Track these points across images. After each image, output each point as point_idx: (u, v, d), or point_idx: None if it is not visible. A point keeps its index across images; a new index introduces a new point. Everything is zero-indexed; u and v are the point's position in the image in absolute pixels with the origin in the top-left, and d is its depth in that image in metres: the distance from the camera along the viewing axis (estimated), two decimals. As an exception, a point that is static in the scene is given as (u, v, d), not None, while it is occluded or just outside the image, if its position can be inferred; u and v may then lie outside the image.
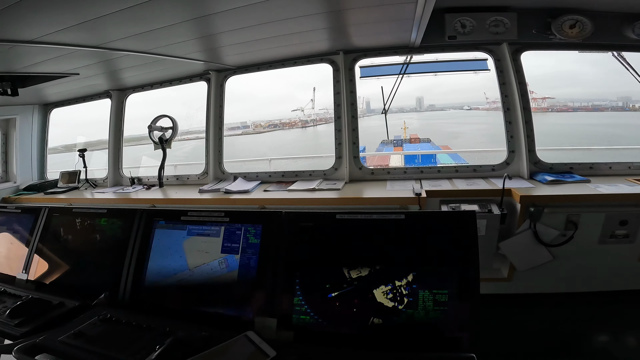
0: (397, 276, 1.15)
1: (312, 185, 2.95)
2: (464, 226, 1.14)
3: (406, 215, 1.18)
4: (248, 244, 1.31)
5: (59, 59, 2.51)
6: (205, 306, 1.30)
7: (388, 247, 1.18)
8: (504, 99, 2.89)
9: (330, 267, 1.21)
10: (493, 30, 2.60)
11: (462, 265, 1.12)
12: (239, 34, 2.52)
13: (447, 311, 1.10)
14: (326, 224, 1.25)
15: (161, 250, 1.43)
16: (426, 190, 2.54)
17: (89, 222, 1.61)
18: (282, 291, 1.23)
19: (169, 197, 3.22)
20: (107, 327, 1.19)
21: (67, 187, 3.87)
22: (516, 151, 2.86)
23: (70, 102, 4.23)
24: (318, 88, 65.93)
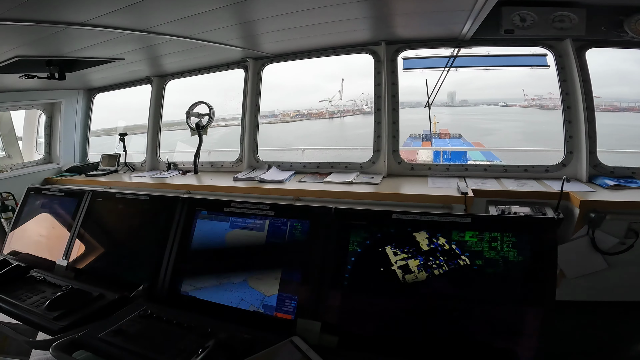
0: (458, 283, 1.05)
1: (349, 178, 2.86)
2: (541, 234, 1.01)
3: (473, 219, 1.06)
4: (294, 241, 1.24)
5: (106, 43, 2.54)
6: (245, 305, 1.25)
7: (448, 251, 1.07)
8: (565, 96, 2.69)
9: (382, 270, 1.12)
10: (558, 25, 2.41)
11: (533, 280, 1.00)
12: (279, 21, 2.46)
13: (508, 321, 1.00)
14: (380, 223, 1.15)
15: (202, 242, 1.39)
16: (472, 189, 2.39)
17: (131, 208, 1.60)
18: (327, 293, 1.15)
19: (204, 184, 3.22)
20: (147, 324, 1.15)
21: (107, 170, 3.98)
22: (575, 152, 2.65)
23: (113, 87, 4.33)
24: (346, 80, 65.32)
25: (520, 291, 1.01)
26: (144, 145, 4.03)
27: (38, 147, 4.51)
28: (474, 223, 1.06)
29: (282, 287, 1.21)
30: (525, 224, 1.04)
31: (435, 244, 1.08)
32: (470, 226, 1.06)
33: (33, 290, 1.39)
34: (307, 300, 1.17)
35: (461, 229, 1.06)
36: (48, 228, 1.77)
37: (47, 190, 1.86)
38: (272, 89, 8.01)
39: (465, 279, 1.05)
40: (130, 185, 3.51)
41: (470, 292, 1.04)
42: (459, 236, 1.06)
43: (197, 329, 1.12)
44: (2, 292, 1.34)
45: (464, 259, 1.06)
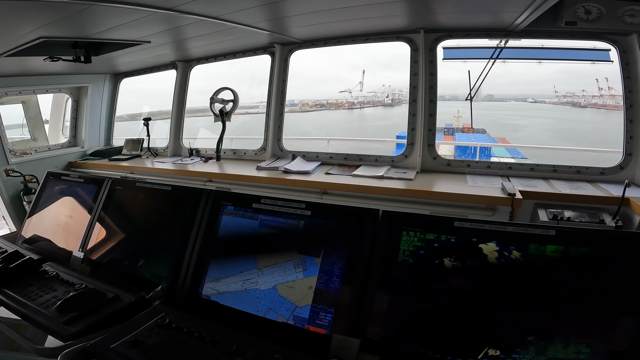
0: (530, 300, 0.87)
1: (380, 173, 2.69)
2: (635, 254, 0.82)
3: (557, 232, 0.87)
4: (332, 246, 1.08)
5: (132, 24, 2.44)
6: (273, 315, 1.10)
7: (522, 267, 0.89)
8: (628, 94, 2.44)
9: (440, 285, 0.95)
10: (628, 20, 2.17)
11: (628, 295, 0.82)
12: (310, 2, 2.30)
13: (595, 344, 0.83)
14: (439, 232, 0.97)
15: (227, 241, 1.25)
16: (520, 190, 2.17)
17: (152, 199, 1.48)
18: (370, 307, 1.00)
19: (226, 172, 3.12)
20: (165, 335, 1.03)
21: (130, 155, 3.96)
22: (634, 154, 2.39)
23: (140, 72, 4.28)
24: (368, 71, 64.33)
25: (608, 314, 0.83)
26: (167, 130, 3.97)
27: (64, 131, 4.52)
28: (559, 237, 0.87)
29: (317, 297, 1.06)
30: (621, 240, 0.84)
31: (507, 258, 0.90)
32: (554, 240, 0.87)
33: (45, 287, 1.28)
34: (345, 313, 1.02)
35: (541, 242, 0.88)
36: (66, 216, 1.68)
37: (67, 176, 1.76)
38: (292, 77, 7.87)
39: (540, 297, 0.87)
40: (152, 170, 3.46)
41: (543, 314, 0.86)
42: (538, 250, 0.87)
43: (221, 344, 0.99)
44: (12, 289, 1.24)
45: (541, 277, 0.88)
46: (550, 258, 0.87)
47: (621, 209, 2.03)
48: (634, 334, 0.81)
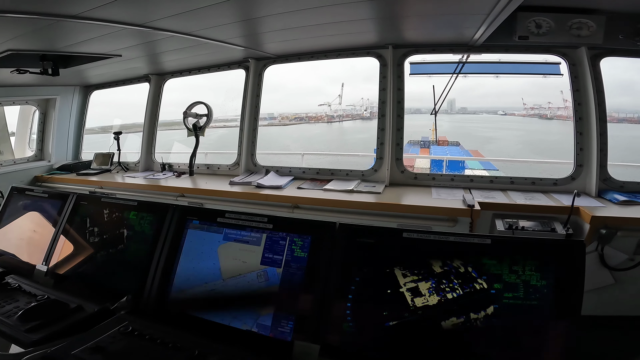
0: (473, 308, 0.95)
1: (350, 186, 2.76)
2: (568, 259, 0.92)
3: (493, 241, 0.96)
4: (293, 257, 1.13)
5: (102, 38, 2.44)
6: (238, 323, 1.13)
7: (464, 274, 0.97)
8: (577, 107, 2.61)
9: (391, 292, 1.01)
10: (575, 32, 2.34)
11: (557, 307, 0.90)
12: (283, 19, 2.37)
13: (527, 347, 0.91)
14: (390, 242, 1.04)
15: (193, 253, 1.27)
16: (479, 202, 2.29)
17: (118, 214, 1.48)
18: (329, 315, 1.05)
19: (199, 187, 3.12)
20: (128, 341, 1.04)
21: (100, 169, 3.87)
22: (585, 165, 2.57)
23: (111, 84, 4.24)
24: (348, 83, 65.58)
25: (542, 317, 0.91)
26: (139, 144, 3.92)
27: (31, 144, 4.39)
28: (494, 245, 0.95)
29: (279, 306, 1.11)
30: (551, 247, 0.94)
31: (449, 266, 0.98)
32: (490, 248, 0.96)
33: (7, 298, 1.28)
34: (305, 321, 1.07)
35: (479, 250, 0.96)
36: (30, 230, 1.66)
37: (31, 191, 1.74)
38: (272, 90, 7.92)
39: (480, 303, 0.95)
40: (122, 185, 3.40)
41: (486, 317, 0.94)
42: (476, 258, 0.96)
43: (183, 349, 1.01)
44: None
45: (481, 282, 0.96)
46: (487, 264, 0.95)
47: (572, 218, 2.17)
48: (567, 337, 0.89)
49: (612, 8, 2.29)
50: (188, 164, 3.54)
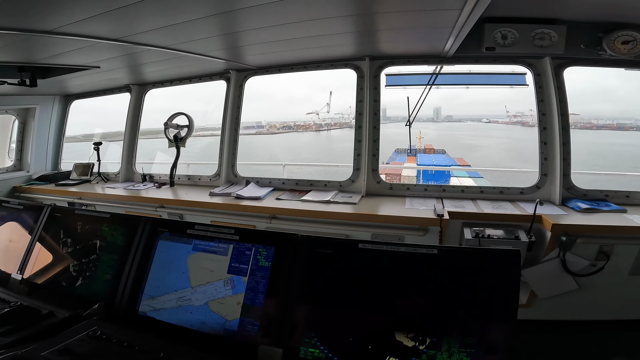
0: (421, 314, 1.02)
1: (327, 197, 2.82)
2: (506, 266, 1.00)
3: (439, 251, 1.03)
4: (258, 267, 1.19)
5: (80, 51, 2.47)
6: (206, 328, 1.18)
7: (414, 283, 1.04)
8: (541, 117, 2.71)
9: (347, 299, 1.08)
10: (538, 43, 2.42)
11: (497, 309, 0.98)
12: (263, 33, 2.43)
13: (474, 354, 0.97)
14: (347, 252, 1.11)
15: (163, 263, 1.32)
16: (448, 211, 2.38)
17: (91, 226, 1.52)
18: (290, 320, 1.11)
19: (179, 198, 3.13)
20: (96, 344, 1.08)
21: (79, 180, 3.85)
22: (549, 175, 2.68)
23: (91, 94, 4.23)
24: (334, 92, 66.33)
25: (482, 321, 0.99)
26: (120, 154, 3.92)
27: (10, 154, 4.33)
28: (440, 255, 1.03)
29: (244, 312, 1.16)
30: (489, 255, 1.02)
31: (400, 275, 1.05)
32: (436, 257, 1.03)
33: (-21, 305, 1.31)
34: (269, 326, 1.12)
35: (426, 260, 1.04)
36: (5, 241, 1.69)
37: (7, 203, 1.78)
38: (260, 98, 7.92)
39: (427, 308, 1.02)
40: (102, 196, 3.39)
41: (433, 325, 1.01)
42: (423, 267, 1.03)
43: (149, 352, 1.05)
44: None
45: (428, 288, 1.03)
46: (435, 272, 1.03)
47: (535, 226, 2.28)
48: (501, 336, 0.97)
49: (572, 18, 2.37)
50: (169, 174, 3.55)
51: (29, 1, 1.67)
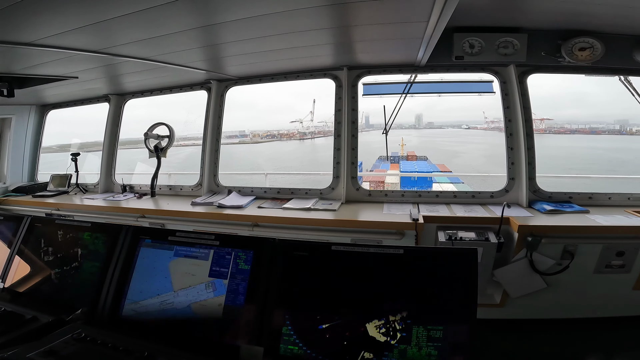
0: (391, 311, 1.09)
1: (308, 205, 2.89)
2: (465, 264, 1.09)
3: (405, 251, 1.12)
4: (238, 270, 1.24)
5: (58, 62, 2.47)
6: (188, 330, 1.23)
7: (384, 282, 1.12)
8: (508, 123, 2.83)
9: (323, 299, 1.14)
10: (502, 51, 2.53)
11: (459, 303, 1.06)
12: (243, 45, 2.49)
13: (441, 347, 1.05)
14: (321, 254, 1.18)
15: (145, 269, 1.36)
16: (423, 216, 2.49)
17: (72, 235, 1.54)
18: (270, 320, 1.16)
19: (160, 208, 3.13)
20: (80, 346, 1.11)
21: (57, 191, 3.79)
22: (516, 179, 2.82)
23: (69, 104, 4.19)
24: (318, 100, 66.91)
25: (444, 315, 1.07)
26: (99, 165, 3.87)
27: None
28: (406, 255, 1.11)
29: (226, 313, 1.21)
30: (449, 254, 1.11)
31: (371, 275, 1.13)
32: (402, 257, 1.12)
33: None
34: (250, 326, 1.17)
35: (394, 259, 1.12)
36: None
37: (-15, 214, 1.76)
38: (243, 107, 7.91)
39: (396, 305, 1.09)
40: (80, 207, 3.36)
41: (402, 318, 1.08)
42: (391, 266, 1.12)
43: (134, 352, 1.09)
44: None
45: (396, 287, 1.11)
46: (402, 270, 1.11)
47: (503, 227, 2.40)
48: (464, 329, 1.05)
49: (533, 26, 2.50)
50: (150, 185, 3.54)
51: (8, 14, 1.69)
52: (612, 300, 2.52)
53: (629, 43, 2.51)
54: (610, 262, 2.38)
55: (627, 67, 2.61)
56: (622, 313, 2.53)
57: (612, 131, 63.99)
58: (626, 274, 2.41)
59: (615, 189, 2.83)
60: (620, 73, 2.72)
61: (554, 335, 2.53)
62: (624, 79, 2.75)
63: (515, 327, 2.62)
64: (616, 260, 2.37)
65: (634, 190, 2.78)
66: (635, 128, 56.70)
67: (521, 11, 2.33)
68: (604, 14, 2.27)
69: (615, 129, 65.07)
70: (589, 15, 2.30)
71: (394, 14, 2.00)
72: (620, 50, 2.52)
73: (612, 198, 2.75)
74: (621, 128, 63.72)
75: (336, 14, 2.02)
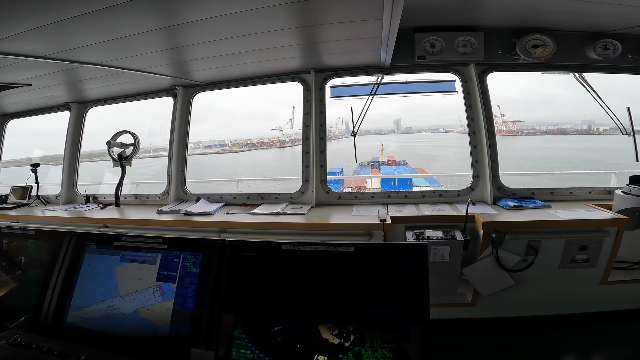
0: (344, 311, 1.07)
1: (277, 209, 2.84)
2: (415, 259, 1.07)
3: (355, 248, 1.10)
4: (186, 273, 1.20)
5: (6, 68, 2.34)
6: (135, 335, 1.18)
7: (335, 281, 1.09)
8: (470, 122, 2.87)
9: (274, 300, 1.11)
10: (461, 50, 2.57)
11: (412, 301, 1.05)
12: (208, 48, 2.43)
13: (396, 348, 1.03)
14: (271, 254, 1.15)
15: (90, 275, 1.30)
16: (391, 216, 2.48)
17: (16, 243, 1.48)
18: (221, 323, 1.12)
19: (125, 217, 3.02)
20: (14, 351, 1.08)
21: (17, 203, 3.61)
22: (480, 176, 2.86)
23: (29, 113, 4.00)
24: (298, 107, 67.19)
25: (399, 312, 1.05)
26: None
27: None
28: (356, 252, 1.10)
29: (175, 317, 1.16)
30: (399, 249, 1.10)
31: (321, 273, 1.11)
32: (353, 254, 1.10)
33: None
34: (200, 329, 1.13)
35: (345, 257, 1.10)
36: None
37: None
38: (221, 116, 7.76)
39: (345, 300, 1.08)
40: (42, 219, 3.20)
41: (352, 315, 1.07)
42: (339, 263, 1.11)
43: (69, 356, 1.05)
44: None
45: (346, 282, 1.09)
46: (353, 268, 1.09)
47: (469, 225, 2.42)
48: (418, 328, 1.03)
49: (488, 24, 2.54)
50: (114, 194, 3.42)
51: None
52: (580, 296, 2.54)
53: (580, 39, 2.59)
54: (574, 256, 2.39)
55: (580, 63, 2.68)
56: (590, 309, 2.56)
57: (580, 131, 66.87)
58: (592, 269, 2.42)
59: (577, 184, 2.88)
60: (574, 70, 2.79)
61: (525, 332, 2.52)
62: (579, 76, 2.81)
63: (487, 325, 2.60)
64: (580, 255, 2.38)
65: (595, 185, 2.84)
66: (602, 127, 59.32)
67: (476, 9, 2.36)
68: (554, 10, 2.30)
69: (582, 129, 68.05)
70: (541, 12, 2.34)
71: (348, 13, 1.98)
72: (572, 46, 2.59)
73: (573, 192, 2.82)
74: (588, 128, 66.69)
75: (294, 13, 1.99)
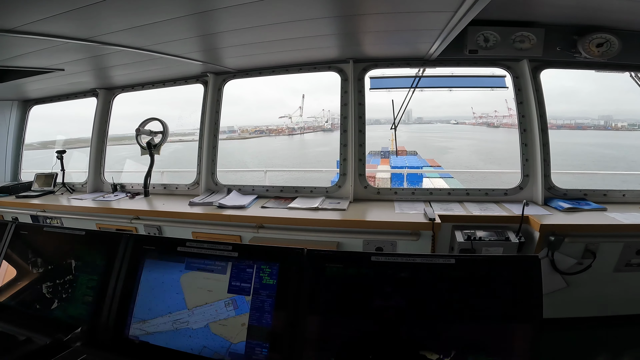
0: (446, 333, 0.96)
1: (315, 204, 2.73)
2: (526, 274, 0.96)
3: (457, 260, 0.98)
4: (262, 285, 1.09)
5: (42, 52, 2.26)
6: (209, 352, 1.08)
7: (435, 298, 0.98)
8: (521, 119, 2.75)
9: (363, 318, 1.00)
10: (518, 45, 2.45)
11: (519, 318, 0.94)
12: (243, 35, 2.32)
13: None
14: (358, 266, 1.04)
15: (153, 283, 1.19)
16: (439, 215, 2.36)
17: (65, 245, 1.36)
18: (303, 342, 1.02)
19: (156, 209, 2.93)
20: None
21: (42, 191, 3.56)
22: (531, 175, 2.73)
23: (53, 99, 3.94)
24: (308, 95, 66.81)
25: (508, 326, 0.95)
26: (87, 163, 3.64)
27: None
28: (458, 264, 0.98)
29: (251, 333, 1.06)
30: (507, 262, 0.99)
31: (417, 287, 0.99)
32: (454, 267, 0.98)
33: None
34: (279, 347, 1.03)
35: (444, 269, 0.98)
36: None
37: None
38: (231, 102, 7.77)
39: (444, 317, 0.97)
40: (68, 209, 3.14)
41: (452, 328, 0.96)
42: (444, 277, 0.98)
43: None
44: None
45: (446, 299, 0.98)
46: (454, 282, 0.98)
47: (523, 226, 2.31)
48: (524, 341, 0.93)
49: (549, 21, 2.42)
50: (142, 184, 3.33)
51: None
52: (632, 298, 2.45)
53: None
54: (630, 260, 2.33)
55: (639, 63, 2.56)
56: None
57: (597, 127, 65.64)
58: None
59: (629, 186, 2.80)
60: (631, 69, 2.68)
61: (572, 332, 2.45)
62: (635, 75, 2.70)
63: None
64: (636, 259, 2.33)
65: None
66: (620, 123, 58.20)
67: (538, 6, 2.25)
68: (619, 10, 2.20)
69: (600, 125, 66.80)
70: (605, 11, 2.23)
71: (414, 3, 1.85)
72: (636, 47, 2.45)
73: (626, 195, 2.70)
74: (606, 123, 65.40)
75: (334, 1, 1.87)
